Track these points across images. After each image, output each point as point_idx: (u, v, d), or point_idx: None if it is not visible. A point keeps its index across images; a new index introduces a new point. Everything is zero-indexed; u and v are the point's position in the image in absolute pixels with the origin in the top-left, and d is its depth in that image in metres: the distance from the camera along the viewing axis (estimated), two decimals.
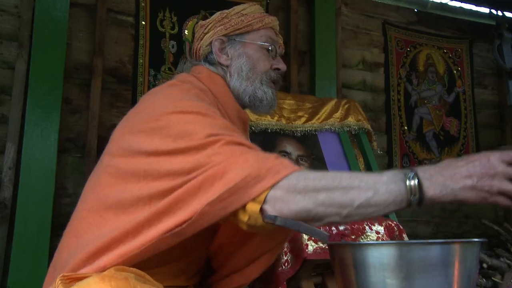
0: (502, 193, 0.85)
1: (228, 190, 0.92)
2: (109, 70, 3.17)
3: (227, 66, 1.30)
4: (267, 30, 1.33)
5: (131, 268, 0.96)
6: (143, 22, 3.31)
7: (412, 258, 0.81)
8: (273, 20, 1.36)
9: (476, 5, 4.72)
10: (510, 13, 4.82)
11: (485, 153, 0.88)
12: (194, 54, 1.38)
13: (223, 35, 1.31)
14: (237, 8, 1.33)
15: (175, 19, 3.42)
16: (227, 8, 1.36)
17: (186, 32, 3.44)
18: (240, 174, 0.93)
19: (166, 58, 3.36)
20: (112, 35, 3.21)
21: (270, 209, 0.92)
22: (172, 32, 3.41)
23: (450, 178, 0.86)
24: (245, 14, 1.32)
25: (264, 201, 0.92)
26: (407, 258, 0.81)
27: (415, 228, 4.18)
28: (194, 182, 0.96)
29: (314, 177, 0.93)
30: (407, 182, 0.87)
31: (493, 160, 0.85)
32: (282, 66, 1.35)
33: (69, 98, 3.01)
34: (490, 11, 4.74)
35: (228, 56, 1.31)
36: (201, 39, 1.34)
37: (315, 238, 1.00)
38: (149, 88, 3.23)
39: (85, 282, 0.86)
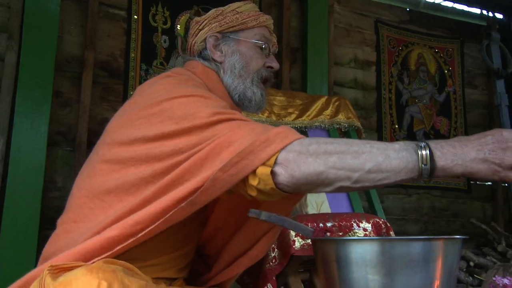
0: None
1: (237, 155, 0.91)
2: (101, 63, 3.16)
3: (220, 63, 1.31)
4: (262, 29, 1.34)
5: (120, 261, 0.96)
6: (136, 16, 3.30)
7: (394, 254, 0.82)
8: (267, 19, 1.37)
9: (468, 6, 4.75)
10: (501, 15, 4.86)
11: (498, 128, 0.87)
12: (189, 50, 1.38)
13: (218, 32, 1.31)
14: (232, 6, 1.34)
15: (167, 13, 3.41)
16: (219, 3, 1.36)
17: (178, 27, 3.43)
18: (248, 139, 0.94)
19: (158, 52, 3.35)
20: (104, 28, 3.20)
21: (281, 171, 0.91)
22: (165, 27, 3.40)
23: (462, 149, 0.85)
24: (240, 12, 1.32)
25: (275, 164, 0.91)
26: (389, 254, 0.82)
27: (404, 226, 4.21)
28: (200, 154, 0.96)
29: (326, 141, 0.93)
30: (419, 151, 0.86)
31: (506, 134, 0.85)
32: (275, 65, 1.35)
33: (60, 91, 3.00)
34: (481, 12, 4.77)
35: (222, 52, 1.31)
36: (196, 35, 1.34)
37: (299, 233, 1.01)
38: (140, 83, 3.22)
39: (72, 274, 0.85)
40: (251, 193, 0.96)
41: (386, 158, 0.88)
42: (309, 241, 1.79)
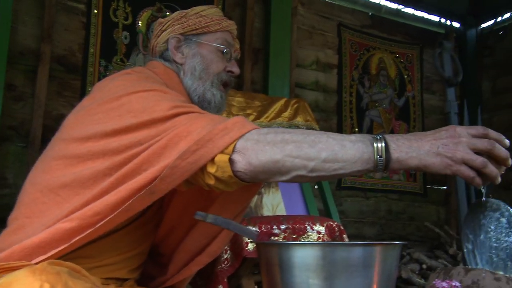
0: (466, 164, 0.85)
1: (196, 143, 0.92)
2: (58, 57, 3.08)
3: (181, 64, 1.31)
4: (224, 33, 1.35)
5: (66, 263, 0.94)
6: (95, 11, 3.23)
7: (334, 258, 0.82)
8: (231, 24, 1.37)
9: (427, 13, 4.87)
10: (458, 24, 5.01)
11: (453, 125, 0.90)
12: (151, 50, 1.38)
13: (180, 34, 1.32)
14: (196, 9, 1.35)
15: (129, 9, 3.35)
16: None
17: (140, 23, 3.38)
18: (206, 128, 0.94)
19: (118, 49, 3.29)
20: (62, 21, 3.11)
21: (239, 158, 0.92)
22: (126, 22, 3.34)
23: (417, 142, 0.87)
24: (204, 16, 1.33)
25: (233, 151, 0.92)
26: (329, 258, 0.82)
27: (361, 229, 4.28)
28: (159, 144, 0.96)
29: (283, 131, 0.95)
30: (375, 143, 0.88)
31: (459, 130, 0.87)
32: (236, 70, 1.36)
33: (13, 84, 2.90)
34: (440, 20, 4.91)
35: (183, 54, 1.31)
36: (158, 36, 1.34)
37: (244, 236, 1.00)
38: (99, 79, 3.16)
39: (13, 275, 0.83)
40: (209, 181, 0.96)
41: (342, 148, 0.89)
42: None
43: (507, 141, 0.89)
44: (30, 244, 0.97)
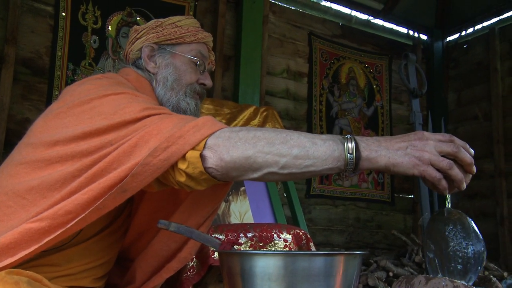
0: (433, 165, 0.87)
1: (167, 140, 0.91)
2: (23, 60, 3.01)
3: (154, 74, 1.30)
4: (199, 45, 1.34)
5: (26, 271, 0.91)
6: (63, 14, 3.18)
7: (295, 268, 0.82)
8: (206, 36, 1.37)
9: (395, 25, 4.97)
10: (425, 36, 5.13)
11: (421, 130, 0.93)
12: (125, 57, 1.37)
13: (154, 43, 1.31)
14: (172, 19, 1.34)
15: (98, 13, 3.31)
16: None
17: (109, 27, 3.34)
18: (177, 126, 0.94)
19: (87, 53, 3.24)
20: (28, 23, 3.05)
21: (210, 154, 0.92)
22: (95, 26, 3.29)
23: (386, 143, 0.90)
24: (179, 26, 1.32)
25: (205, 148, 0.92)
26: (290, 268, 0.82)
27: (330, 237, 4.31)
28: (129, 142, 0.95)
29: (255, 129, 0.95)
30: (345, 142, 0.90)
31: (427, 133, 0.90)
32: (208, 82, 1.36)
33: None
34: (408, 32, 5.02)
35: (156, 64, 1.30)
36: (133, 44, 1.33)
37: (207, 245, 1.00)
38: (67, 83, 3.11)
39: None
40: (180, 178, 0.95)
41: (313, 145, 0.90)
42: None
43: (471, 150, 0.91)
44: None
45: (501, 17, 4.75)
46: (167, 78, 1.29)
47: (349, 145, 0.89)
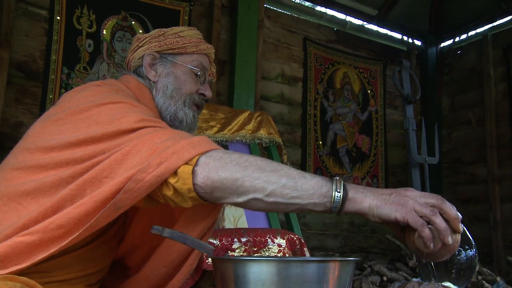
0: (416, 212, 0.86)
1: (160, 156, 0.91)
2: (17, 64, 3.01)
3: (154, 82, 1.31)
4: (201, 56, 1.35)
5: (20, 277, 0.91)
6: (58, 17, 3.17)
7: (288, 274, 0.82)
8: (208, 48, 1.37)
9: (390, 30, 5.00)
10: (419, 41, 5.16)
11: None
12: (126, 64, 1.38)
13: (156, 52, 1.32)
14: (175, 29, 1.35)
15: (93, 17, 3.31)
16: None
17: (104, 32, 3.34)
18: (172, 139, 0.95)
19: (81, 56, 3.23)
20: (22, 27, 3.05)
21: (200, 170, 0.92)
22: (90, 30, 3.29)
23: (371, 190, 0.91)
24: (182, 36, 1.33)
25: (196, 164, 0.92)
26: (284, 274, 0.82)
27: (324, 241, 4.31)
28: (122, 151, 0.95)
29: (248, 155, 0.96)
30: (333, 182, 0.90)
31: (411, 189, 0.90)
32: (208, 94, 1.37)
33: None
34: (402, 37, 5.05)
35: (156, 73, 1.31)
36: (135, 51, 1.34)
37: (201, 251, 1.00)
38: (61, 87, 3.10)
39: None
40: (166, 192, 0.95)
41: (302, 178, 0.91)
42: None
43: (460, 228, 0.87)
44: None
45: (494, 24, 4.79)
46: (167, 87, 1.30)
47: (337, 184, 0.90)
